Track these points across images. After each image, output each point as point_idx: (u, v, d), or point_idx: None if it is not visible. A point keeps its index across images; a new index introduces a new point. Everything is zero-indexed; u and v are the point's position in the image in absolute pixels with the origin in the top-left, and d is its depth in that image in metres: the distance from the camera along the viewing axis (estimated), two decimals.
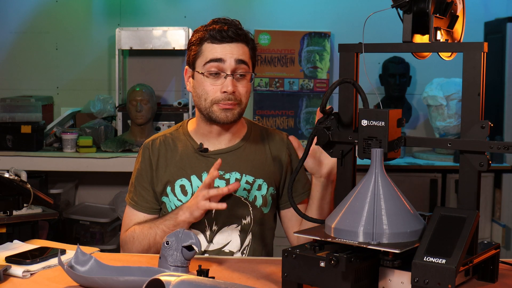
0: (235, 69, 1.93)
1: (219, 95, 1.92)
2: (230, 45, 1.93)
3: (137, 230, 1.98)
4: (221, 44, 1.92)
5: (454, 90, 3.98)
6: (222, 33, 1.92)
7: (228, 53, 1.92)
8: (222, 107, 1.93)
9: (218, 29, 1.92)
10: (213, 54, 1.92)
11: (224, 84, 1.92)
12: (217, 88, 1.93)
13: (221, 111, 1.93)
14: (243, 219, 2.01)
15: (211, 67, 1.92)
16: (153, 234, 1.93)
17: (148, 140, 2.09)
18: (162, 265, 1.67)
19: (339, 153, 1.68)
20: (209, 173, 1.86)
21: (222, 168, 1.99)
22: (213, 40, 1.92)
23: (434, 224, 1.48)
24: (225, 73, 1.92)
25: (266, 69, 4.35)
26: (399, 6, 1.60)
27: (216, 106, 1.93)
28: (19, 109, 3.94)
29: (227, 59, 1.92)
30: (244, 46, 1.96)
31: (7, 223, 1.97)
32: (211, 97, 1.93)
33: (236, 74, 1.93)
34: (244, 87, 1.95)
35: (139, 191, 2.05)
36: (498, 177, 3.96)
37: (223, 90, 1.92)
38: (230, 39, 1.92)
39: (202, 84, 1.95)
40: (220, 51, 1.92)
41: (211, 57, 1.92)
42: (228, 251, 2.00)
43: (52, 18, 4.45)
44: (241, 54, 1.94)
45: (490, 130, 1.52)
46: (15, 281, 1.63)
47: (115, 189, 4.35)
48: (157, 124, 4.12)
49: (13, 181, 1.93)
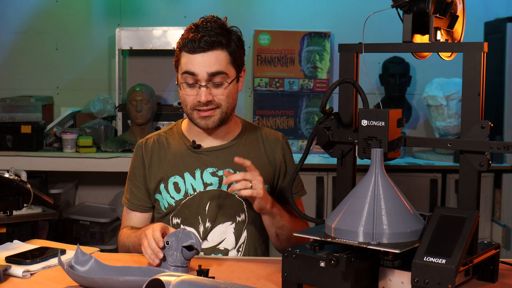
0: (209, 80, 1.93)
1: (196, 103, 1.95)
2: (203, 56, 1.91)
3: (123, 234, 2.03)
4: (194, 55, 1.91)
5: (454, 90, 3.98)
6: (194, 43, 1.90)
7: (200, 66, 1.91)
8: (200, 115, 1.96)
9: (191, 38, 1.91)
10: (187, 66, 1.93)
11: (198, 95, 1.94)
12: (193, 97, 1.95)
13: (200, 119, 1.97)
14: (237, 216, 2.01)
15: (186, 78, 1.94)
16: (128, 244, 1.97)
17: (142, 139, 2.11)
18: (162, 265, 1.67)
19: (339, 153, 1.68)
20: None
21: (215, 165, 2.01)
22: (187, 50, 1.92)
23: (434, 224, 1.48)
24: (199, 84, 1.93)
25: (266, 69, 4.35)
26: (399, 6, 1.61)
27: (196, 113, 1.97)
28: (19, 109, 3.94)
29: (200, 73, 1.91)
30: (220, 52, 1.92)
31: (7, 223, 1.97)
32: (189, 104, 1.97)
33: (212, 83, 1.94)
34: (222, 94, 1.95)
35: (131, 189, 2.08)
36: (498, 177, 3.95)
37: (197, 99, 1.94)
38: (202, 50, 1.90)
39: (182, 91, 1.98)
40: (193, 63, 1.91)
41: (185, 69, 1.93)
42: (223, 248, 2.01)
43: (52, 18, 4.44)
44: (213, 65, 1.91)
45: (490, 130, 1.52)
46: (15, 281, 1.64)
47: (115, 189, 4.35)
48: (157, 124, 4.11)
49: (13, 181, 1.93)
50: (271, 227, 1.95)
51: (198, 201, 2.00)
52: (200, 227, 2.00)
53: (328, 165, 3.91)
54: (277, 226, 1.94)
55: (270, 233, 1.98)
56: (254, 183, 1.81)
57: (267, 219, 1.94)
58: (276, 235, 1.97)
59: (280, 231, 1.95)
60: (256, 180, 1.82)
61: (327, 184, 3.90)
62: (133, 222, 2.08)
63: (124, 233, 2.03)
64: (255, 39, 4.33)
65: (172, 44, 4.13)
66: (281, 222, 1.94)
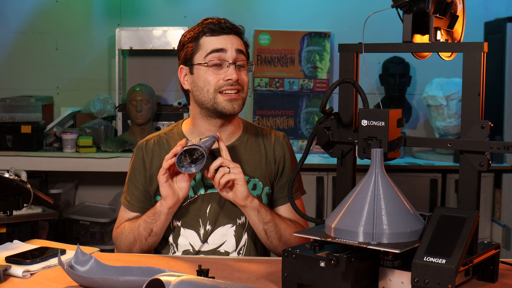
0: (236, 59, 1.95)
1: (222, 83, 1.94)
2: (229, 36, 1.97)
3: (126, 225, 2.02)
4: (220, 36, 1.96)
5: (454, 90, 3.98)
6: (221, 24, 1.96)
7: (228, 43, 1.95)
8: (227, 98, 1.94)
9: (215, 22, 1.96)
10: (213, 45, 1.95)
11: (228, 73, 1.93)
12: (220, 77, 1.94)
13: (226, 102, 1.94)
14: (238, 219, 2.01)
15: (213, 58, 1.94)
16: (137, 226, 1.96)
17: (142, 140, 2.10)
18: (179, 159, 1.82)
19: (339, 153, 1.68)
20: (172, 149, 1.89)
21: None
22: (212, 33, 1.96)
23: (434, 224, 1.48)
24: (228, 62, 1.94)
25: (266, 69, 4.35)
26: (399, 6, 1.61)
27: (220, 96, 1.94)
28: (19, 109, 3.94)
29: (228, 49, 1.95)
30: (239, 39, 2.00)
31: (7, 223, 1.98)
32: (213, 86, 1.94)
33: (237, 64, 1.96)
34: (245, 75, 1.99)
35: (131, 190, 2.06)
36: (498, 177, 3.95)
37: (227, 78, 1.93)
38: (229, 30, 1.97)
39: (203, 75, 1.95)
40: (220, 42, 1.95)
41: (212, 48, 1.94)
42: (223, 251, 2.00)
43: (52, 18, 4.45)
44: (239, 45, 1.98)
45: (490, 130, 1.52)
46: (15, 281, 1.63)
47: (115, 189, 4.35)
48: (157, 124, 4.11)
49: (13, 181, 1.93)
50: (258, 223, 1.93)
51: (199, 204, 2.00)
52: (200, 229, 2.00)
53: (328, 165, 3.92)
54: (263, 221, 1.93)
55: (259, 231, 1.96)
56: (231, 168, 1.85)
57: (252, 214, 1.92)
58: (265, 232, 1.95)
59: (268, 227, 1.94)
60: (233, 165, 1.86)
61: (327, 184, 3.91)
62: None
63: (128, 223, 2.02)
64: (255, 39, 4.33)
65: (172, 44, 4.13)
66: (267, 217, 1.93)
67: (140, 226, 1.95)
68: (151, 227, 1.93)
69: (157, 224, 1.93)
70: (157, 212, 1.91)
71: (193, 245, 2.00)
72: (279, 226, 1.95)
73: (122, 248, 2.00)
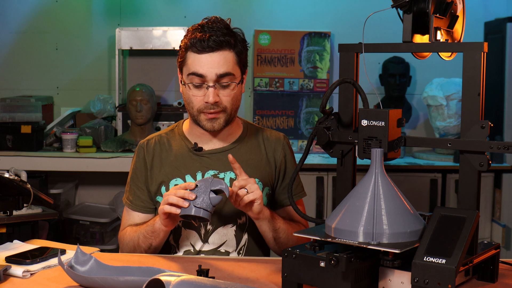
0: (217, 81, 1.92)
1: (203, 105, 1.93)
2: (211, 56, 1.90)
3: (127, 231, 2.02)
4: (202, 55, 1.90)
5: (454, 90, 3.98)
6: (203, 43, 1.89)
7: (209, 67, 1.90)
8: (207, 117, 1.94)
9: (199, 38, 1.89)
10: (194, 67, 1.91)
11: (206, 95, 1.92)
12: (200, 98, 1.93)
13: (207, 121, 1.95)
14: (238, 219, 2.01)
15: (193, 79, 1.92)
16: (136, 238, 1.96)
17: (143, 140, 2.10)
18: (184, 210, 1.71)
19: (339, 153, 1.68)
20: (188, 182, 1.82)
21: (216, 168, 2.00)
22: (195, 50, 1.91)
23: (434, 224, 1.48)
24: (207, 85, 1.91)
25: (266, 69, 4.35)
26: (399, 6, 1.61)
27: (202, 115, 1.95)
28: (19, 109, 3.94)
29: (208, 74, 1.90)
30: (228, 52, 1.92)
31: (7, 223, 1.98)
32: (196, 106, 1.95)
33: (221, 83, 1.93)
34: (228, 95, 1.94)
35: (134, 190, 2.06)
36: (498, 177, 3.95)
37: (205, 100, 1.92)
38: (211, 49, 1.89)
39: (187, 93, 1.96)
40: (201, 64, 1.90)
41: (192, 70, 1.92)
42: (224, 251, 2.00)
43: (52, 18, 4.44)
44: (222, 66, 1.90)
45: (490, 130, 1.52)
46: (15, 281, 1.63)
47: (115, 189, 4.35)
48: (157, 124, 4.11)
49: (13, 181, 1.93)
50: (269, 231, 1.94)
51: None
52: (201, 229, 2.00)
53: (328, 165, 3.92)
54: (273, 229, 1.93)
55: (268, 239, 1.97)
56: (248, 187, 1.81)
57: (263, 224, 1.92)
58: (274, 240, 1.96)
59: (277, 234, 1.94)
60: (249, 183, 1.81)
61: (327, 184, 3.90)
62: (135, 222, 2.07)
63: (130, 229, 2.01)
64: (255, 39, 4.33)
65: (172, 44, 4.13)
66: (277, 224, 1.94)
67: (140, 239, 1.95)
68: (150, 241, 1.94)
69: (156, 241, 1.93)
70: (155, 230, 1.91)
71: (194, 245, 2.00)
72: (288, 231, 1.96)
73: (125, 251, 2.01)
